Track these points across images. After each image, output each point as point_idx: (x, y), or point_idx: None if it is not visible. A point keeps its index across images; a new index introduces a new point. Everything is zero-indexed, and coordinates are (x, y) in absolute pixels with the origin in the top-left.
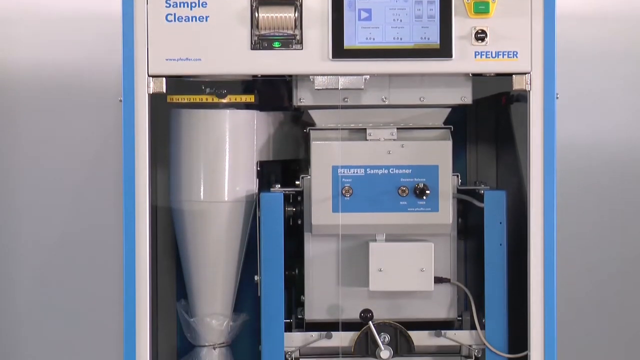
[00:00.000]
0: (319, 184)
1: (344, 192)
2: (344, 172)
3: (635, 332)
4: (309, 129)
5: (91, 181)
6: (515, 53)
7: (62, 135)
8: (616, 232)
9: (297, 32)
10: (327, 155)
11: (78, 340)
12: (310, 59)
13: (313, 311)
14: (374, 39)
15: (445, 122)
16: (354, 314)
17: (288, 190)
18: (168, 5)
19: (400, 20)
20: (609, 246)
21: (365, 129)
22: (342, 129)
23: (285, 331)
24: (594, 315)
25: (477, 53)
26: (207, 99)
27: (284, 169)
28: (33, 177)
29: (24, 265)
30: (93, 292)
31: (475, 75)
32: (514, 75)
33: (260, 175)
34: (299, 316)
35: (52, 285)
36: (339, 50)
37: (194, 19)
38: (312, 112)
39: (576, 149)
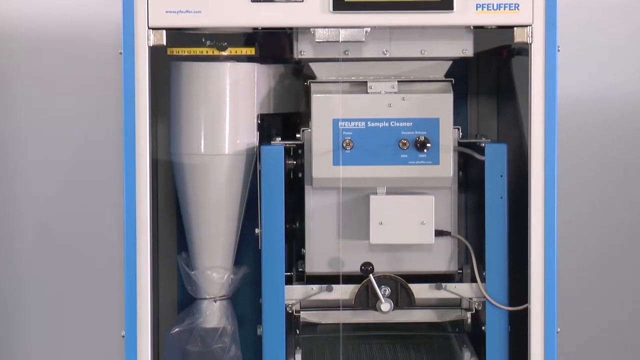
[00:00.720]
0: (319, 137)
1: (344, 145)
2: (344, 125)
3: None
4: (310, 82)
5: (91, 135)
6: (516, 5)
7: (62, 88)
8: (619, 186)
9: None
10: (328, 108)
11: (78, 293)
12: (311, 11)
13: (313, 264)
14: None
15: (446, 75)
16: (354, 267)
17: (289, 143)
18: None
19: None
20: (610, 199)
21: (366, 81)
22: (342, 81)
23: (286, 284)
24: (596, 268)
25: (478, 5)
26: (207, 52)
27: (284, 122)
28: (33, 130)
29: (24, 219)
30: (93, 245)
31: (476, 27)
32: (515, 28)
33: (260, 128)
34: (300, 269)
35: (52, 239)
36: (340, 3)
37: None
38: (313, 65)
39: (578, 102)
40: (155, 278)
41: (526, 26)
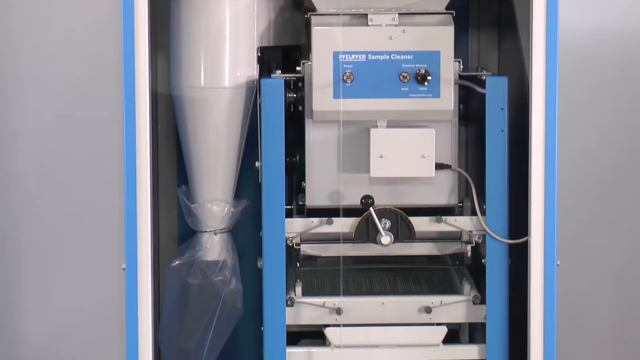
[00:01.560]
0: (319, 69)
1: (344, 78)
2: (345, 58)
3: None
4: (310, 15)
5: (91, 69)
6: None
7: (60, 22)
8: (620, 117)
9: None
10: (328, 41)
11: (79, 226)
12: None
13: (314, 197)
14: None
15: (447, 8)
16: (354, 200)
17: (289, 76)
18: None
19: None
20: (611, 131)
21: (366, 14)
22: (343, 14)
23: (286, 217)
24: (596, 201)
25: None
26: None
27: (284, 55)
28: (31, 65)
29: (23, 155)
30: (93, 179)
31: None
32: None
33: (260, 61)
34: (300, 202)
35: (52, 174)
36: None
37: None
38: None
39: (580, 35)
40: (155, 211)
41: None
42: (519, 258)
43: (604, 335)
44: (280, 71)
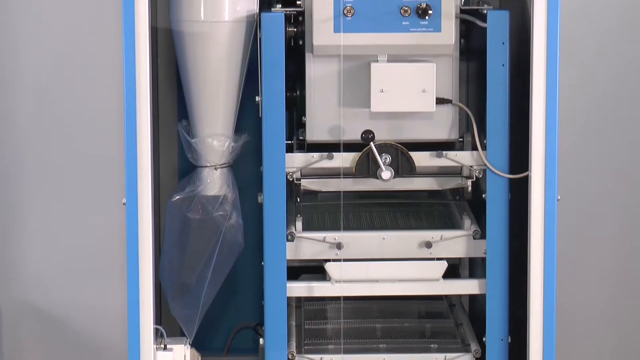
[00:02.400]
0: (320, 3)
1: (345, 12)
2: None
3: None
4: None
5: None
6: None
7: None
8: (621, 49)
9: None
10: None
11: (79, 159)
12: None
13: (314, 132)
14: None
15: None
16: (355, 135)
17: (289, 10)
18: None
19: None
20: (611, 61)
21: None
22: None
23: (287, 152)
24: (597, 133)
25: None
26: None
27: None
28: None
29: (24, 87)
30: (93, 113)
31: None
32: None
33: None
34: (300, 137)
35: (52, 107)
36: None
37: None
38: None
39: None
40: (155, 146)
41: None
42: (519, 193)
43: (603, 269)
44: (280, 5)
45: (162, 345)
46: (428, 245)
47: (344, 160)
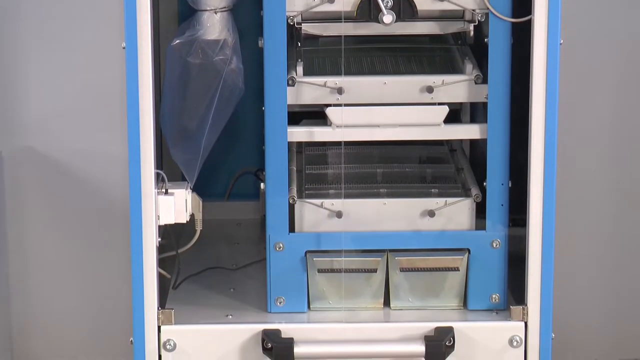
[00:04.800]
0: None
1: None
2: None
3: None
4: None
5: None
6: None
7: None
8: None
9: None
10: None
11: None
12: None
13: None
14: None
15: None
16: None
17: None
18: None
19: None
20: None
21: None
22: None
23: None
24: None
25: None
26: None
27: None
28: None
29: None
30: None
31: None
32: None
33: None
34: None
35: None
36: None
37: None
38: None
39: None
40: None
41: None
42: (521, 39)
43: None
44: None
45: (164, 190)
46: (429, 90)
47: (345, 3)
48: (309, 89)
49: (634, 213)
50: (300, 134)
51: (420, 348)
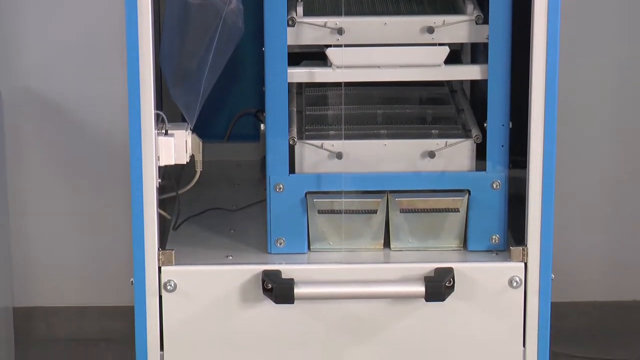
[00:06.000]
0: None
1: None
2: None
3: None
4: None
5: None
6: None
7: None
8: None
9: None
10: None
11: None
12: None
13: None
14: None
15: None
16: None
17: None
18: None
19: None
20: None
21: None
22: None
23: None
24: None
25: None
26: None
27: None
28: None
29: None
30: None
31: None
32: None
33: None
34: None
35: None
36: None
37: None
38: None
39: None
40: None
41: None
42: None
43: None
44: None
45: (163, 131)
46: (430, 30)
47: None
48: (309, 30)
49: (635, 153)
50: (300, 74)
51: (420, 289)
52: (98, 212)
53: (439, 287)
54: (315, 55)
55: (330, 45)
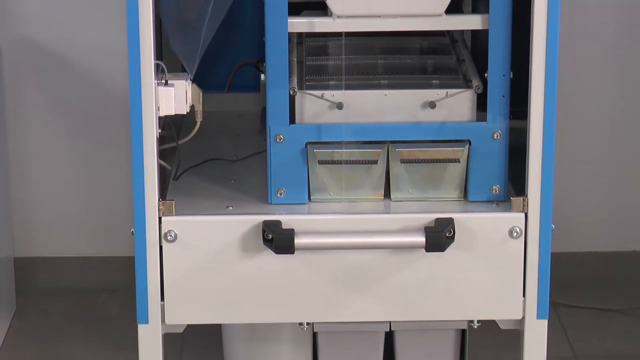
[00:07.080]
0: None
1: None
2: None
3: None
4: None
5: None
6: None
7: None
8: None
9: None
10: None
11: None
12: None
13: None
14: None
15: None
16: None
17: None
18: None
19: None
20: None
21: None
22: None
23: None
24: None
25: None
26: None
27: None
28: None
29: None
30: None
31: None
32: None
33: None
34: None
35: None
36: None
37: None
38: None
39: None
40: None
41: None
42: None
43: None
44: None
45: (163, 81)
46: None
47: None
48: None
49: (636, 101)
50: (300, 24)
51: (421, 239)
52: (99, 162)
53: (439, 237)
54: (316, 5)
55: None
